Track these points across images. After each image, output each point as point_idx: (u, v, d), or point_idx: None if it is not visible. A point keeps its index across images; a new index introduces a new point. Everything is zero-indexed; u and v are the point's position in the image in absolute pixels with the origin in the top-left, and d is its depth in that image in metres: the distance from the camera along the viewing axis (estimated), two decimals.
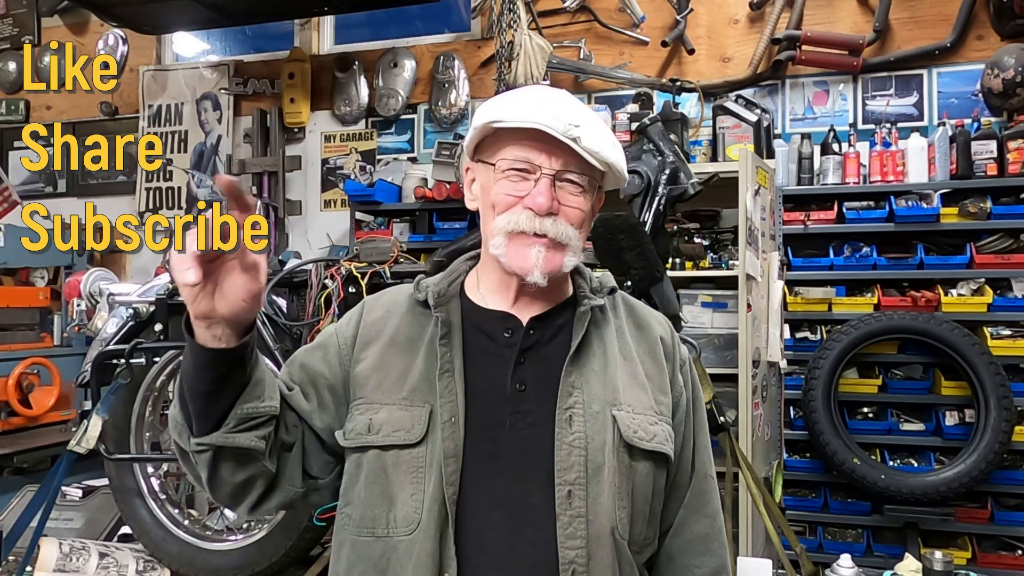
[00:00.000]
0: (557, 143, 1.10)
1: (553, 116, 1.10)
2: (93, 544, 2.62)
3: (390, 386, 1.15)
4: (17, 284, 4.78)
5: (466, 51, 4.61)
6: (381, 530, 1.11)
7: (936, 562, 2.20)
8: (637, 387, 1.18)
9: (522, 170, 1.13)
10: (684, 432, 1.23)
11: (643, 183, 2.55)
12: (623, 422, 1.13)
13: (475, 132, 1.18)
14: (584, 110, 1.15)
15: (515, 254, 1.13)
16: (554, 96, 1.16)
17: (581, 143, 1.10)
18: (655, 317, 1.29)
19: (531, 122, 1.10)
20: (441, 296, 1.19)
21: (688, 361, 1.28)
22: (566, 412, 1.11)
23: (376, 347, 1.19)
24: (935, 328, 3.38)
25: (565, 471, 1.09)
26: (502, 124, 1.13)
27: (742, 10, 4.18)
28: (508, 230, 1.12)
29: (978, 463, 3.28)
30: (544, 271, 1.12)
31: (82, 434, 2.50)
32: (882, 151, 3.68)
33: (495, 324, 1.18)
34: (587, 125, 1.11)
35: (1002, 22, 3.78)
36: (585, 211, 1.16)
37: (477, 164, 1.20)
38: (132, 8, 4.21)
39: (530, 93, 1.17)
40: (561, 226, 1.12)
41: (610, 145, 1.14)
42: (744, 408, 2.97)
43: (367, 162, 4.73)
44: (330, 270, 2.53)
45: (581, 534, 1.07)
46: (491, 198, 1.16)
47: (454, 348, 1.15)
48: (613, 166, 1.15)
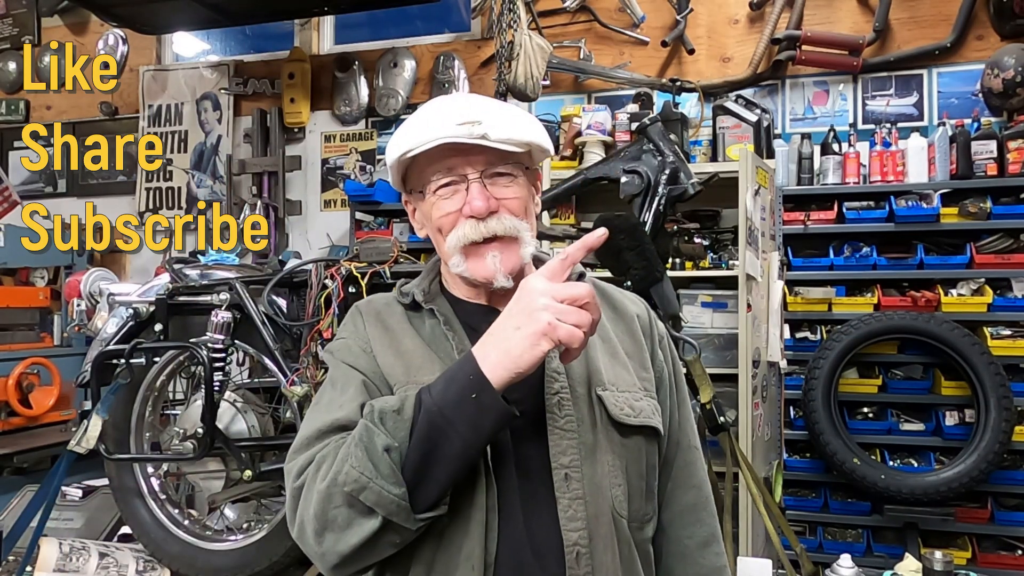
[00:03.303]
0: (470, 146, 1.10)
1: (453, 124, 1.10)
2: (93, 544, 2.62)
3: (418, 368, 1.14)
4: (17, 284, 4.78)
5: (466, 51, 4.61)
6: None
7: (936, 562, 2.20)
8: (619, 366, 1.19)
9: (449, 184, 1.13)
10: (670, 406, 1.24)
11: (643, 183, 2.55)
12: (609, 401, 1.14)
13: (393, 171, 1.19)
14: (482, 103, 1.15)
15: (474, 267, 1.14)
16: (449, 103, 1.17)
17: (490, 138, 1.10)
18: (628, 297, 1.30)
19: (434, 140, 1.10)
20: (428, 294, 1.21)
21: (666, 336, 1.29)
22: (554, 397, 1.12)
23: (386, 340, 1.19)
24: (935, 328, 3.38)
25: (560, 455, 1.10)
26: (412, 153, 1.13)
27: (742, 10, 4.18)
28: (460, 245, 1.13)
29: (978, 463, 3.28)
30: (506, 272, 1.13)
31: (82, 434, 2.50)
32: (882, 151, 3.69)
33: (480, 318, 1.18)
34: (490, 116, 1.11)
35: (1002, 22, 3.78)
36: (523, 197, 1.16)
37: (411, 195, 1.22)
38: (132, 8, 4.21)
39: (425, 112, 1.17)
40: (506, 220, 1.13)
41: (521, 124, 1.14)
42: (744, 408, 2.97)
43: (367, 162, 4.74)
44: (330, 270, 2.53)
45: (581, 515, 1.09)
46: (434, 223, 1.16)
47: (459, 333, 1.17)
48: (532, 143, 1.15)
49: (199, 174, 5.05)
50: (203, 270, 2.71)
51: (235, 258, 2.97)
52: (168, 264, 2.76)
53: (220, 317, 2.48)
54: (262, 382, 2.75)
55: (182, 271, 2.68)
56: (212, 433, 2.41)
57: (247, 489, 2.57)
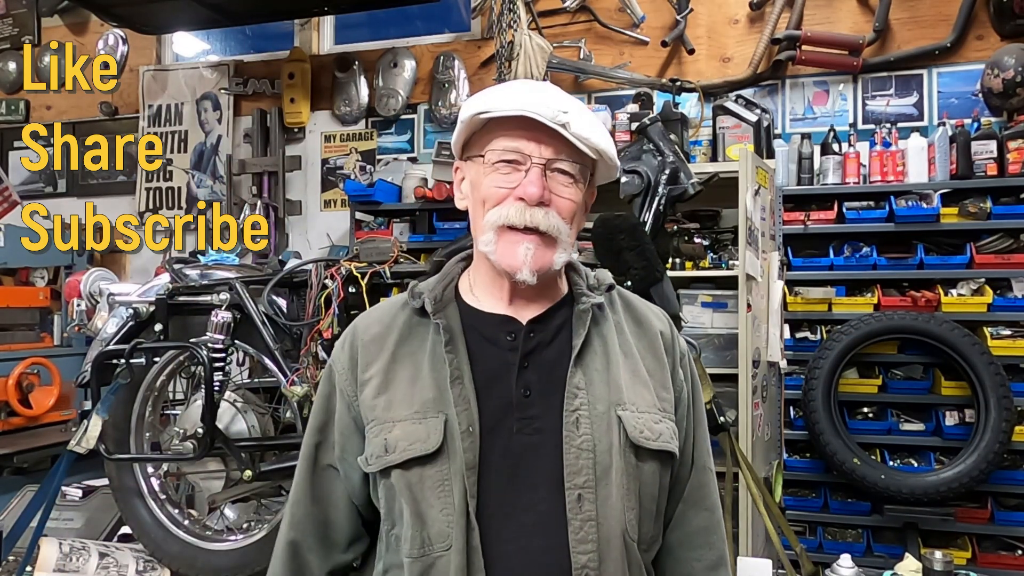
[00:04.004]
0: (546, 131, 1.09)
1: (541, 103, 1.08)
2: (93, 544, 2.62)
3: (400, 402, 1.13)
4: (17, 284, 4.78)
5: (466, 51, 4.61)
6: (417, 550, 1.09)
7: (936, 562, 2.20)
8: (640, 384, 1.16)
9: (512, 161, 1.11)
10: (685, 427, 1.21)
11: (643, 183, 2.55)
12: (628, 422, 1.11)
13: (463, 127, 1.16)
14: (571, 99, 1.14)
15: (504, 251, 1.11)
16: (541, 86, 1.15)
17: (571, 129, 1.09)
18: (653, 311, 1.27)
19: (518, 110, 1.08)
20: (438, 302, 1.16)
21: (687, 354, 1.27)
22: (573, 415, 1.10)
23: (379, 365, 1.16)
24: (935, 328, 3.37)
25: (574, 475, 1.08)
26: (489, 114, 1.11)
27: (742, 10, 4.18)
28: (498, 224, 1.10)
29: (978, 463, 3.28)
30: (533, 268, 1.10)
31: (82, 434, 2.50)
32: (882, 151, 3.68)
33: (496, 328, 1.16)
34: (575, 112, 1.10)
35: (1002, 22, 3.78)
36: (576, 202, 1.14)
37: (466, 162, 1.18)
38: (132, 8, 4.21)
39: (516, 85, 1.16)
40: (552, 218, 1.10)
41: (600, 132, 1.13)
42: (744, 408, 2.97)
43: (367, 162, 4.74)
44: (330, 270, 2.53)
45: (592, 538, 1.06)
46: (481, 193, 1.14)
47: (460, 354, 1.13)
48: (604, 153, 1.13)
49: (199, 174, 5.05)
50: (203, 270, 2.71)
51: (235, 258, 2.97)
52: (168, 264, 2.76)
53: (220, 317, 2.48)
54: (262, 382, 2.75)
55: (182, 271, 2.68)
56: (212, 433, 2.41)
57: (247, 489, 2.57)
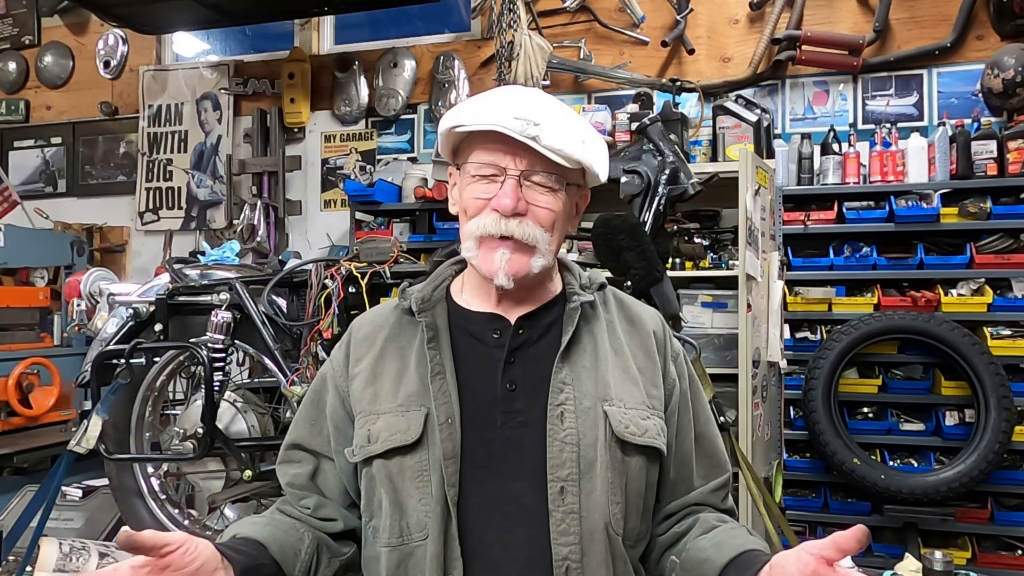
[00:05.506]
0: (520, 143, 1.09)
1: (512, 116, 1.08)
2: (93, 544, 2.62)
3: (385, 395, 1.16)
4: (17, 284, 4.78)
5: (466, 51, 4.61)
6: (396, 539, 1.11)
7: (936, 562, 2.19)
8: (629, 381, 1.18)
9: (489, 174, 1.13)
10: (678, 424, 1.22)
11: (643, 183, 2.55)
12: (614, 417, 1.13)
13: (441, 138, 1.19)
14: (550, 107, 1.13)
15: (483, 258, 1.14)
16: (519, 95, 1.15)
17: (541, 141, 1.08)
18: (646, 311, 1.29)
19: (487, 124, 1.09)
20: (425, 302, 1.19)
21: (681, 354, 1.28)
22: (557, 408, 1.11)
23: (367, 360, 1.20)
24: (935, 328, 3.37)
25: (557, 467, 1.09)
26: (461, 128, 1.13)
27: (742, 10, 4.18)
28: (477, 234, 1.13)
29: (978, 463, 3.28)
30: (508, 273, 1.12)
31: (82, 434, 2.50)
32: (882, 151, 3.68)
33: (482, 325, 1.18)
34: (549, 122, 1.09)
35: (1002, 22, 3.78)
36: (555, 211, 1.14)
37: (458, 169, 1.20)
38: (132, 8, 4.21)
39: (494, 95, 1.16)
40: (528, 227, 1.12)
41: (576, 142, 1.12)
42: (744, 408, 2.97)
43: (367, 162, 4.74)
44: (330, 270, 2.53)
45: (574, 530, 1.08)
46: (463, 203, 1.17)
47: (443, 350, 1.16)
48: (582, 162, 1.12)
49: (199, 174, 5.05)
50: (203, 270, 2.71)
51: (235, 258, 2.97)
52: (168, 264, 2.76)
53: (220, 317, 2.48)
54: (262, 382, 2.75)
55: (182, 271, 2.68)
56: (212, 433, 2.41)
57: (247, 489, 2.57)
